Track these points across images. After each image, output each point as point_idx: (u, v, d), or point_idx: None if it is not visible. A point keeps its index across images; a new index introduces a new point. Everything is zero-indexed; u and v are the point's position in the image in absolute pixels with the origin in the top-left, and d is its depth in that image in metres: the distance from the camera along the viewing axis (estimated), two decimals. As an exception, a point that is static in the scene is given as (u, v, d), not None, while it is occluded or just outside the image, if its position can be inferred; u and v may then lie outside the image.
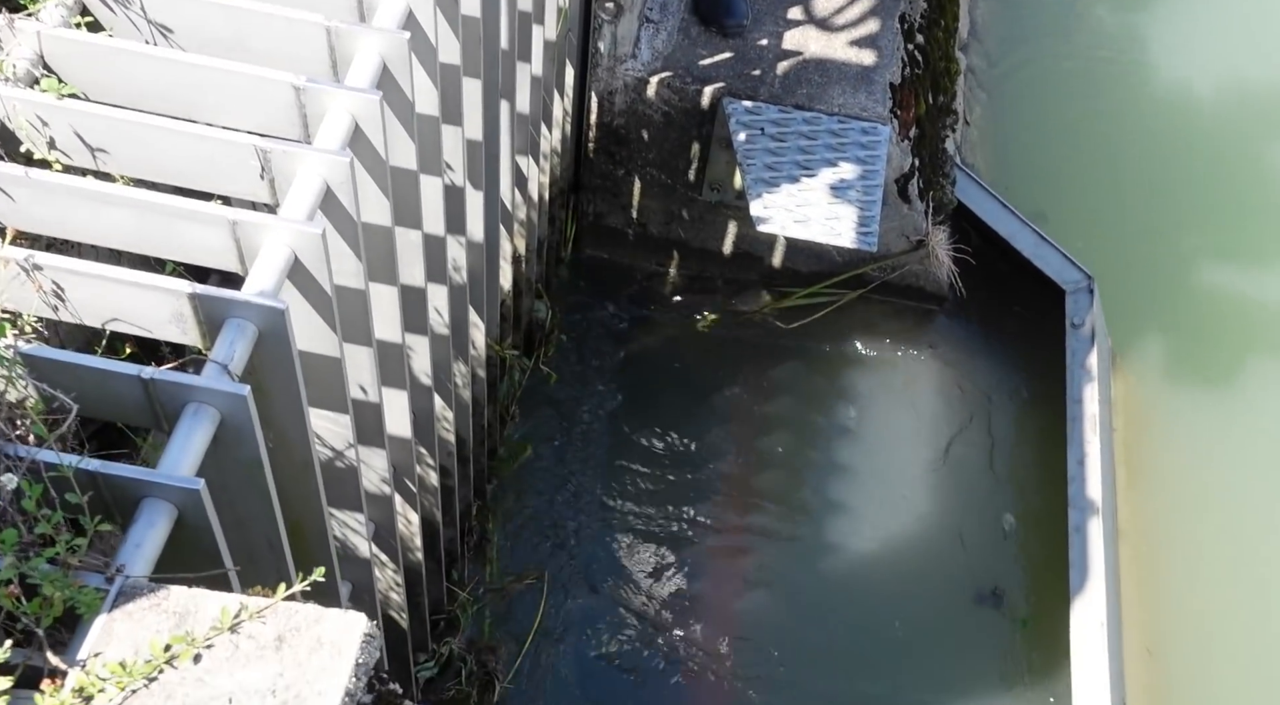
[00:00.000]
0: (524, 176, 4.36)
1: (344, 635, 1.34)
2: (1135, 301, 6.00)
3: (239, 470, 1.95)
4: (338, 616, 1.36)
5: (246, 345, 1.93)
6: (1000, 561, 5.00)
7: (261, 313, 1.93)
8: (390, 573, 3.43)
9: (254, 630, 1.34)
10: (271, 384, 2.07)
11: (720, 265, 5.83)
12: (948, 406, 5.53)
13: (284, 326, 1.94)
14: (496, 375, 4.62)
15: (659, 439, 5.23)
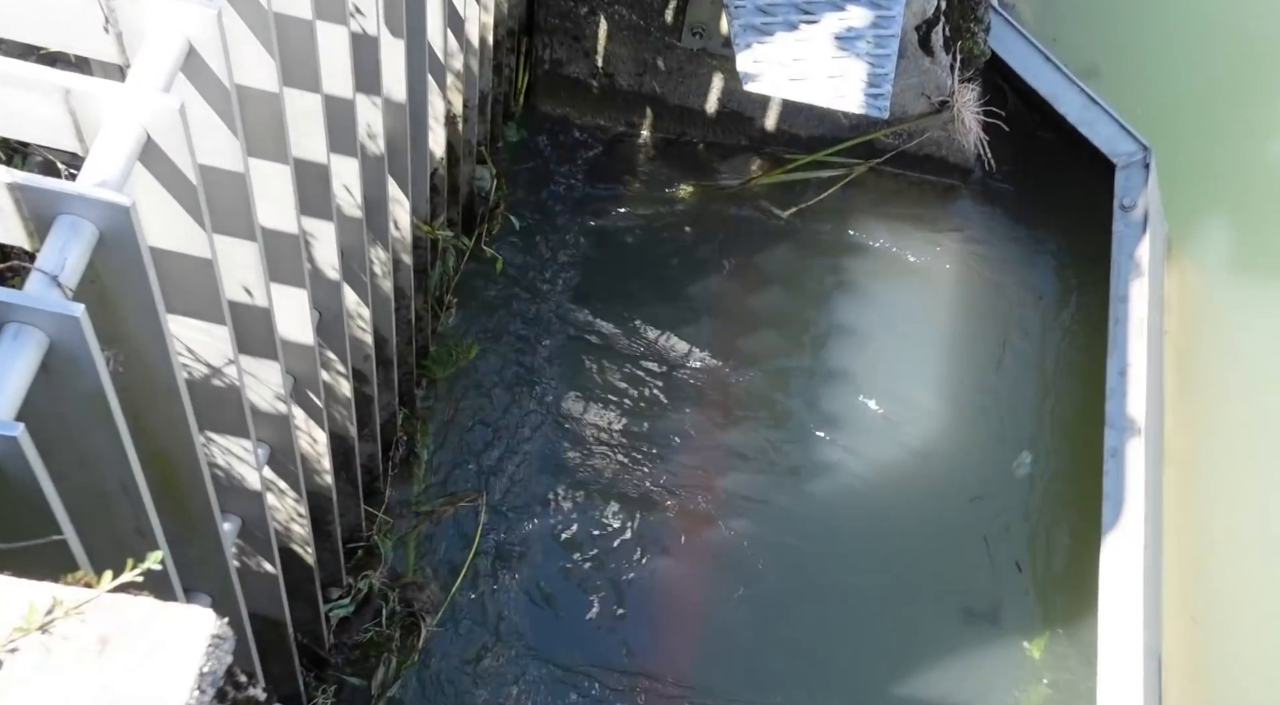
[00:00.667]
0: (460, 17, 4.20)
1: (184, 637, 1.28)
2: (1198, 180, 5.92)
3: (77, 403, 1.86)
4: (178, 614, 1.29)
5: (83, 249, 1.83)
6: (1021, 493, 5.00)
7: (101, 209, 1.82)
8: (291, 502, 3.38)
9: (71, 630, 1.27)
10: (119, 294, 1.97)
11: (702, 127, 5.70)
12: (969, 304, 5.47)
13: (129, 225, 1.84)
14: (426, 260, 4.52)
15: (624, 336, 5.16)
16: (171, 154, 2.03)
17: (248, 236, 2.49)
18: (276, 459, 3.19)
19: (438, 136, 4.30)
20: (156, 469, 2.38)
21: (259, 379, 2.89)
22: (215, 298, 2.33)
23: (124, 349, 2.07)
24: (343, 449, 3.89)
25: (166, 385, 2.15)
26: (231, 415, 2.65)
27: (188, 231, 2.17)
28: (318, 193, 2.98)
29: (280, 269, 2.85)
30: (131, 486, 2.06)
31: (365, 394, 4.01)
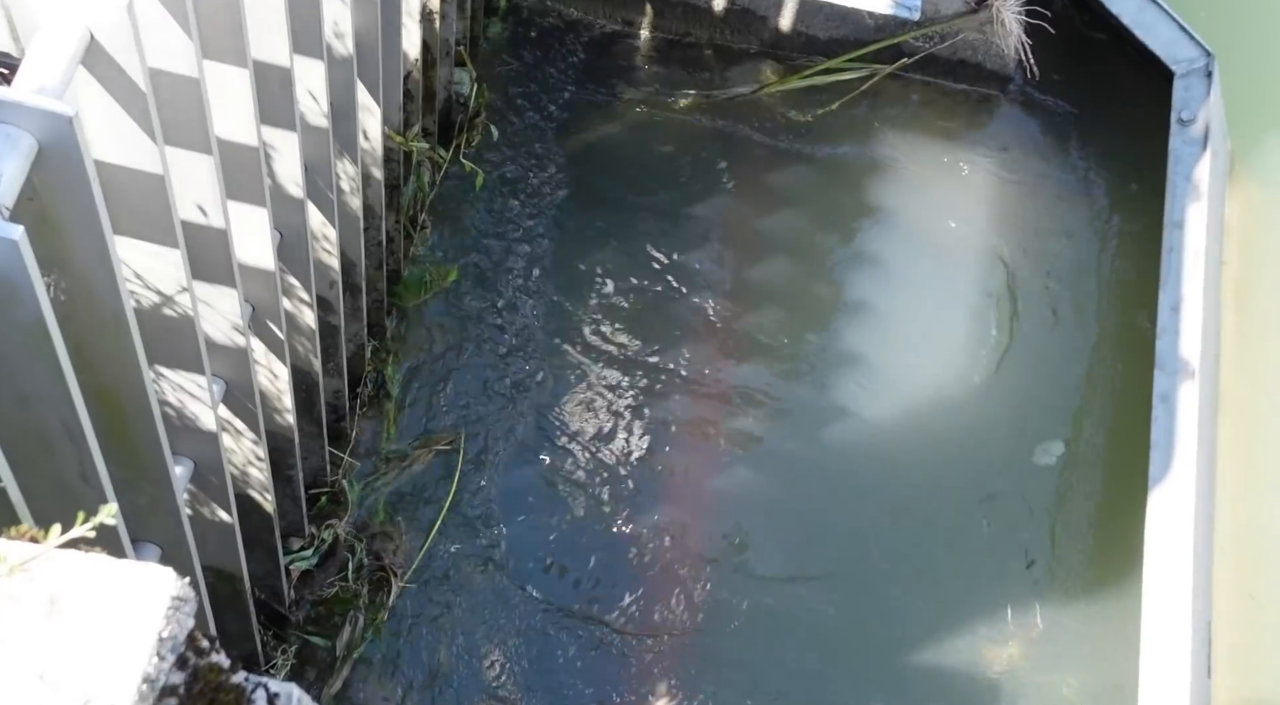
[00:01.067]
0: (437, -101, 4.16)
1: (142, 599, 1.30)
2: (1266, 92, 5.90)
3: (15, 334, 1.88)
4: (135, 573, 1.31)
5: (20, 163, 1.83)
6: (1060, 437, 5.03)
7: (40, 119, 1.82)
8: (249, 443, 3.41)
9: (16, 590, 1.29)
10: (60, 213, 1.98)
11: (708, 26, 5.66)
12: (1006, 229, 5.48)
13: (72, 137, 1.84)
14: (399, 175, 4.51)
15: (619, 263, 5.16)
16: (118, 56, 2.02)
17: (203, 149, 2.49)
18: (233, 396, 3.21)
19: (411, 35, 4.27)
20: (102, 408, 2.40)
21: (214, 308, 2.90)
22: (167, 218, 2.33)
23: (66, 275, 2.08)
24: (305, 385, 3.92)
25: (113, 314, 2.16)
26: (184, 348, 2.67)
27: (136, 144, 2.16)
28: (279, 100, 2.97)
29: (238, 185, 2.85)
30: (75, 426, 2.08)
31: (331, 324, 4.02)
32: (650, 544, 4.64)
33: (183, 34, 2.24)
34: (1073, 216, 5.55)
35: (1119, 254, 5.49)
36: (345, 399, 4.46)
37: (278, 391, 3.57)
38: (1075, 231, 5.53)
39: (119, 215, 2.26)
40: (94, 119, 2.11)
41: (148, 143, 2.17)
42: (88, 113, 2.09)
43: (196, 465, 3.06)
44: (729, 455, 4.84)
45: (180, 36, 2.24)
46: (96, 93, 2.07)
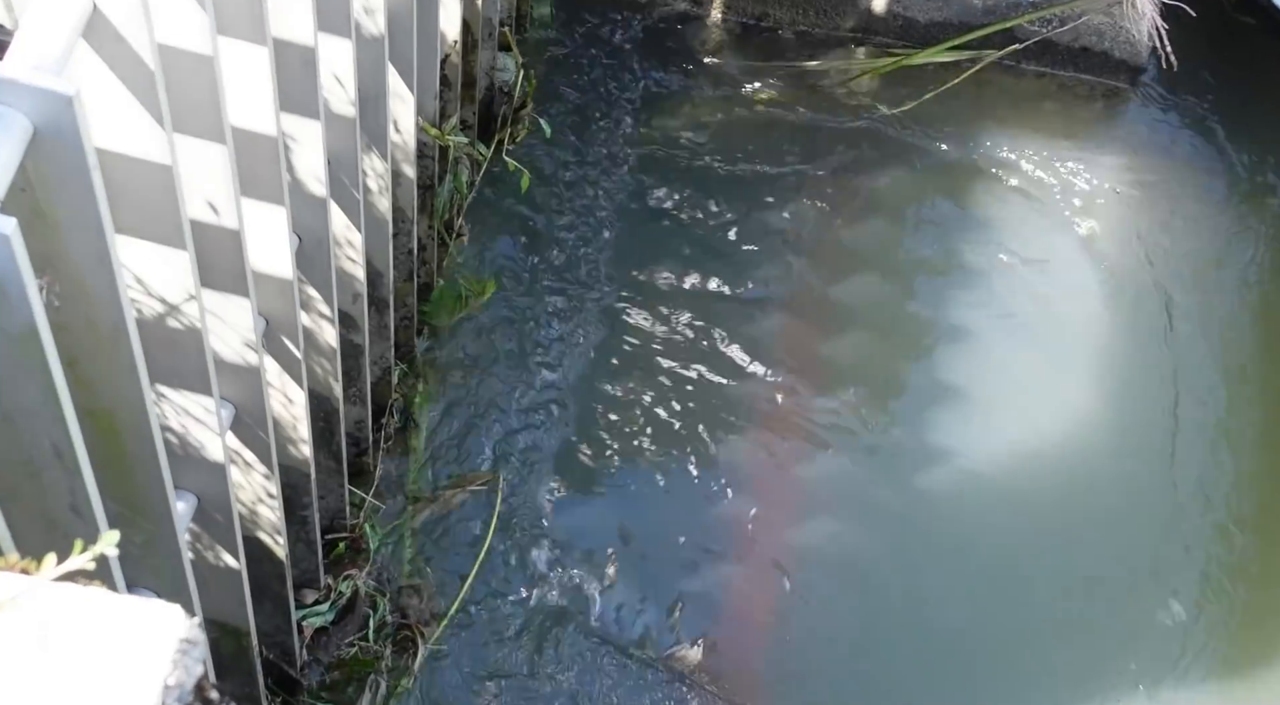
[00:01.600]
0: None
1: (147, 641, 1.32)
2: None
3: (2, 343, 1.91)
4: (139, 611, 1.33)
5: (12, 148, 1.86)
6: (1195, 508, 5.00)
7: (36, 98, 1.85)
8: (259, 478, 3.44)
9: (5, 627, 1.31)
10: (56, 207, 2.01)
11: (790, 7, 5.69)
12: (1134, 251, 5.45)
13: (71, 119, 1.87)
14: (433, 174, 4.55)
15: (682, 276, 5.18)
16: (124, 29, 2.06)
17: (215, 138, 2.52)
18: (243, 423, 3.25)
19: (450, 13, 4.33)
20: (96, 432, 2.43)
21: (224, 321, 2.94)
22: (174, 215, 2.37)
23: (60, 277, 2.11)
24: (324, 413, 3.95)
25: (112, 323, 2.20)
26: (190, 365, 2.70)
27: (142, 129, 2.20)
28: (301, 83, 3.01)
29: (254, 181, 2.88)
30: (66, 450, 2.11)
31: (354, 343, 4.06)
32: (711, 602, 4.63)
33: (196, 5, 2.28)
34: (1218, 239, 5.52)
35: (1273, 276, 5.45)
36: (368, 430, 4.50)
37: (293, 419, 3.61)
38: (1224, 259, 5.49)
39: (120, 212, 2.30)
40: (95, 101, 2.15)
41: (155, 128, 2.20)
42: (88, 93, 2.13)
43: (200, 501, 3.09)
44: (805, 501, 4.84)
45: (194, 8, 2.27)
46: (99, 71, 2.11)
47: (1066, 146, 5.64)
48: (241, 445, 3.33)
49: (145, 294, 2.55)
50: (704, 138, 5.50)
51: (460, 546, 4.63)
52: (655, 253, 5.23)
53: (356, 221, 3.70)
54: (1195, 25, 5.62)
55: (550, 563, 4.65)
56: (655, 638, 4.56)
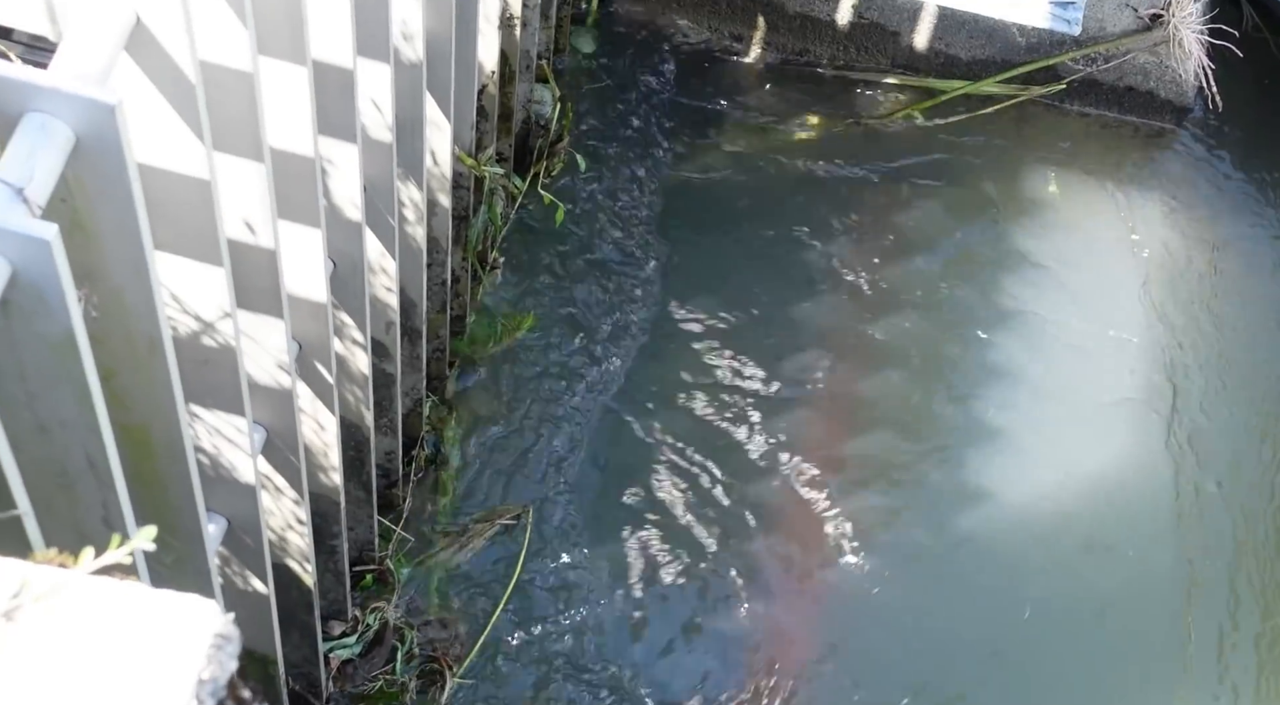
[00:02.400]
0: (523, -111, 4.27)
1: (182, 635, 1.34)
2: None
3: (40, 350, 1.94)
4: (174, 605, 1.35)
5: (56, 157, 1.90)
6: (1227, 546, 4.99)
7: (79, 107, 1.89)
8: (289, 504, 3.47)
9: (42, 620, 1.34)
10: (96, 218, 2.05)
11: (829, 43, 5.72)
12: (1179, 302, 5.45)
13: (113, 129, 1.91)
14: (469, 204, 4.59)
15: (716, 315, 5.20)
16: (167, 43, 2.10)
17: (254, 156, 2.56)
18: (274, 447, 3.28)
19: (489, 43, 4.37)
20: (129, 448, 2.46)
21: (258, 342, 2.97)
22: (212, 231, 2.40)
23: (98, 289, 2.15)
24: (355, 442, 3.98)
25: (148, 336, 2.23)
26: (224, 384, 2.73)
27: (182, 143, 2.24)
28: (339, 106, 3.05)
29: (290, 202, 2.92)
30: (101, 461, 2.14)
31: (386, 373, 4.09)
32: (741, 646, 4.64)
33: (237, 21, 2.32)
34: (1268, 293, 5.50)
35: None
36: (398, 462, 4.52)
37: (324, 445, 3.64)
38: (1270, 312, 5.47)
39: (157, 226, 2.34)
40: (136, 113, 2.19)
41: (195, 143, 2.24)
42: (129, 106, 2.16)
43: (230, 524, 3.12)
44: (840, 544, 4.84)
45: (235, 24, 2.32)
46: (141, 84, 2.15)
47: (1110, 185, 5.66)
48: (272, 470, 3.36)
49: (180, 311, 2.59)
50: (742, 175, 5.53)
51: (488, 581, 4.65)
52: (690, 289, 5.26)
53: (391, 249, 3.74)
54: (1242, 66, 5.63)
55: (578, 600, 4.66)
56: (680, 683, 4.56)
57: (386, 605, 4.46)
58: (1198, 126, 5.75)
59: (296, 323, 3.22)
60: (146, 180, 2.25)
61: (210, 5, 2.29)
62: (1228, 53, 5.54)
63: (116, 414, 2.31)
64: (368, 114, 3.31)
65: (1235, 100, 5.71)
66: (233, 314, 2.59)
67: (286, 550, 3.61)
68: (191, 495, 2.64)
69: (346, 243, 3.39)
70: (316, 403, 3.51)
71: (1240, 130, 5.77)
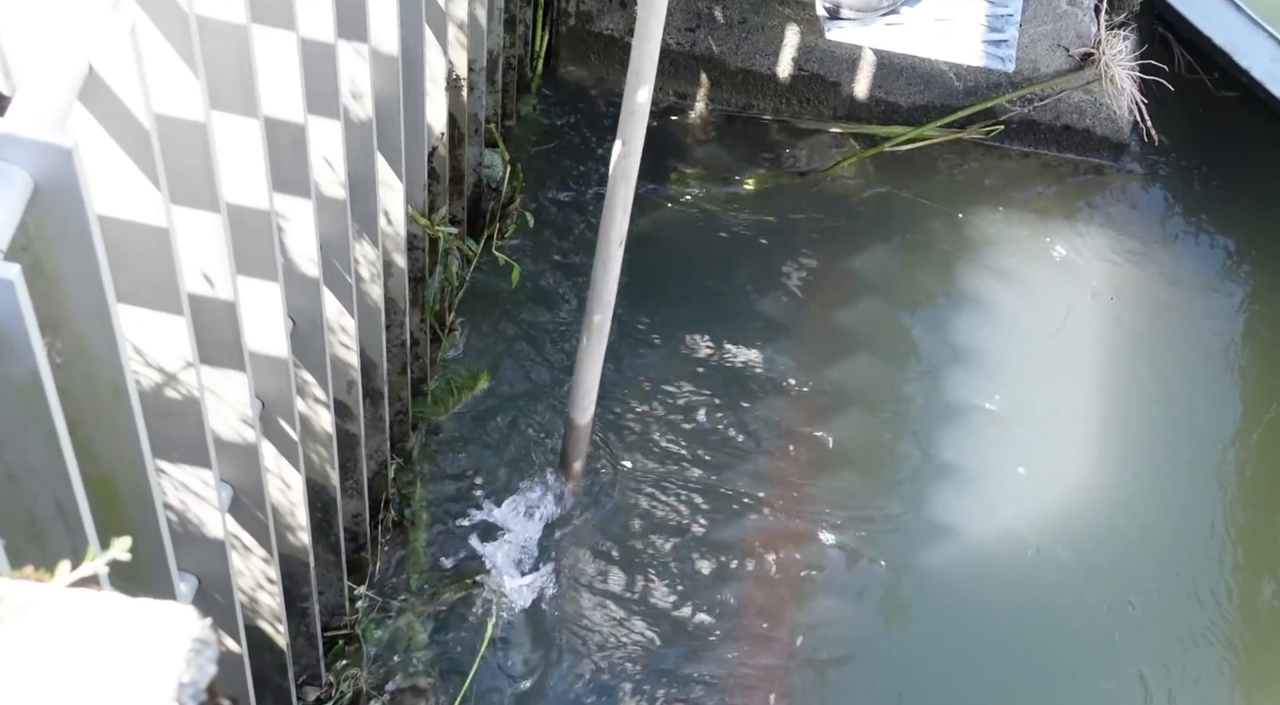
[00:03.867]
0: (463, -48, 4.33)
1: (161, 639, 1.36)
2: None
3: (6, 394, 1.96)
4: (152, 611, 1.37)
5: (14, 202, 1.93)
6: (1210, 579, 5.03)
7: (36, 152, 1.92)
8: (259, 562, 3.47)
9: (22, 631, 1.35)
10: (57, 264, 2.07)
11: (772, 96, 5.80)
12: (1128, 322, 5.52)
13: (73, 173, 1.94)
14: (424, 266, 4.62)
15: (675, 366, 5.24)
16: (120, 90, 2.13)
17: (210, 207, 2.59)
18: (241, 505, 3.29)
19: (437, 105, 4.42)
20: (98, 499, 2.47)
21: (220, 397, 2.99)
22: (171, 280, 2.43)
23: (62, 337, 2.17)
24: (321, 503, 3.98)
25: (112, 382, 2.25)
26: (189, 436, 2.75)
27: (139, 191, 2.27)
28: (292, 161, 3.09)
29: (248, 256, 2.95)
30: (70, 507, 2.15)
31: (350, 434, 4.10)
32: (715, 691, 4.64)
33: (189, 73, 2.36)
34: (1208, 302, 5.59)
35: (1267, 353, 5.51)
36: (366, 525, 4.53)
37: (290, 504, 3.64)
38: (1210, 319, 5.56)
39: (117, 277, 2.36)
40: (92, 163, 2.22)
41: (151, 191, 2.27)
42: (86, 155, 2.19)
43: (200, 582, 3.12)
44: (810, 585, 4.86)
45: (187, 75, 2.35)
46: (95, 132, 2.18)
47: (1052, 221, 5.73)
48: (240, 528, 3.37)
49: (143, 363, 2.60)
50: (692, 226, 5.58)
51: (461, 643, 4.64)
52: (646, 339, 5.29)
53: (350, 308, 3.76)
54: (1175, 100, 5.73)
55: (552, 659, 4.66)
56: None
57: (360, 671, 4.45)
58: (1135, 161, 5.84)
59: (258, 379, 3.24)
60: (105, 230, 2.27)
61: (161, 55, 2.33)
62: (1160, 89, 5.64)
63: (84, 465, 2.32)
64: (320, 171, 3.35)
65: (1170, 134, 5.81)
66: (195, 363, 2.61)
67: (258, 611, 3.61)
68: (161, 546, 2.65)
69: (304, 299, 3.42)
70: (282, 461, 3.52)
71: (1177, 162, 5.87)
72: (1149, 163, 5.86)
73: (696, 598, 4.78)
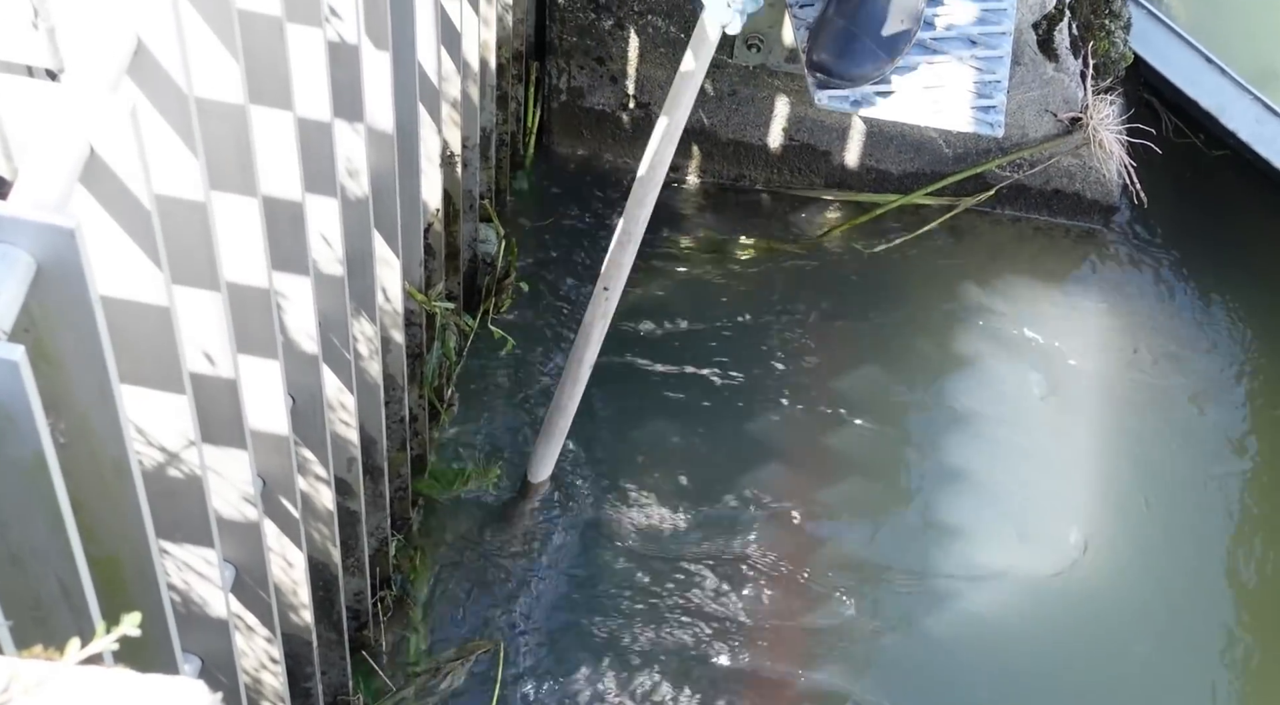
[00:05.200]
0: (455, 31, 4.36)
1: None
2: None
3: (11, 475, 1.95)
4: (160, 687, 1.37)
5: (18, 284, 1.93)
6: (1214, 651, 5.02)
7: (38, 234, 1.93)
8: (262, 642, 3.45)
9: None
10: (60, 345, 2.07)
11: (764, 166, 5.84)
12: (1120, 386, 5.53)
13: (75, 254, 1.94)
14: (421, 342, 4.63)
15: (672, 438, 5.24)
16: (121, 170, 2.14)
17: (210, 286, 2.60)
18: (244, 584, 3.27)
19: (432, 182, 4.44)
20: (102, 581, 2.46)
21: (222, 475, 2.99)
22: (173, 358, 2.43)
23: (65, 417, 2.17)
24: (323, 581, 3.97)
25: (115, 461, 2.25)
26: (192, 515, 2.74)
27: (140, 271, 2.28)
28: (291, 240, 3.10)
29: (247, 334, 2.95)
30: (75, 588, 2.14)
31: (351, 511, 4.10)
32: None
33: (189, 153, 2.37)
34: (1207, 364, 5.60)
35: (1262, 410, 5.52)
36: (368, 603, 4.51)
37: (293, 583, 3.63)
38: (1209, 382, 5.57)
39: (119, 357, 2.36)
40: (93, 243, 2.22)
41: (152, 270, 2.28)
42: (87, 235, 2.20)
43: (204, 663, 3.11)
44: (814, 655, 4.85)
45: (186, 155, 2.37)
46: (96, 213, 2.19)
47: (1047, 285, 5.76)
48: (243, 608, 3.36)
49: (145, 443, 2.60)
50: (685, 297, 5.60)
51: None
52: (642, 413, 5.30)
53: (349, 384, 3.76)
54: (1163, 162, 5.77)
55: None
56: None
57: (365, 750, 4.43)
58: (1126, 224, 5.87)
59: (260, 457, 3.24)
60: (107, 310, 2.28)
61: (161, 136, 2.34)
62: (1148, 152, 5.68)
63: (87, 547, 2.32)
64: (318, 248, 3.36)
65: (1160, 196, 5.84)
66: (196, 440, 2.61)
67: (261, 691, 3.58)
68: (166, 629, 2.63)
69: (304, 376, 3.42)
70: (284, 539, 3.51)
71: (1167, 224, 5.91)
72: (1139, 225, 5.89)
73: (696, 674, 4.77)
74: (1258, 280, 5.80)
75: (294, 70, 2.89)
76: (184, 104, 2.35)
